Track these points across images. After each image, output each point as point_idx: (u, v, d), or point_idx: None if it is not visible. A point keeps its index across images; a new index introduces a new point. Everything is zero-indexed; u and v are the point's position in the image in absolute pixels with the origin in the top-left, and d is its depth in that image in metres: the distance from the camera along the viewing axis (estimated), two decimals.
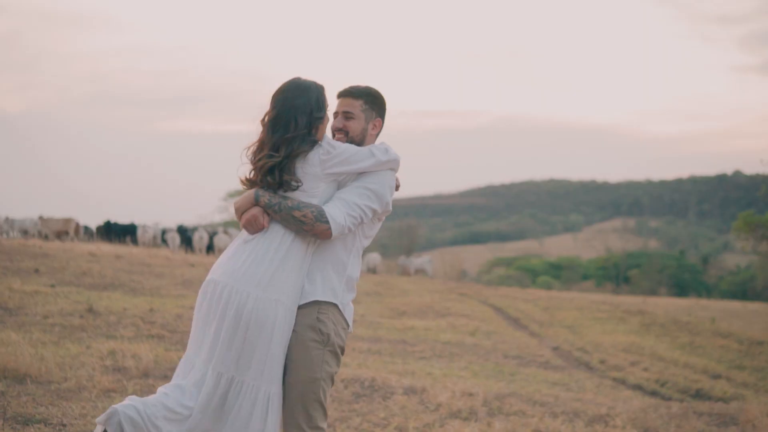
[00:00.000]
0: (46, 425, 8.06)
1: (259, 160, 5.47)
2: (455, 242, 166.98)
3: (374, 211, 5.61)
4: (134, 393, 9.96)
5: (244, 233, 5.54)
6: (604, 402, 12.84)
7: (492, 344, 20.95)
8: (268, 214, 5.45)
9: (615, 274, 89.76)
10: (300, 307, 5.52)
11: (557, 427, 9.88)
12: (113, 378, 10.59)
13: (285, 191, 5.46)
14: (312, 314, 5.49)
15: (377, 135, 5.92)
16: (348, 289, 5.69)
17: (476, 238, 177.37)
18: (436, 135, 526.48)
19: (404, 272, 56.33)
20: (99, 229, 51.86)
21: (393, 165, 5.69)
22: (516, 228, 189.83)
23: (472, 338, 21.67)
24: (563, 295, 45.71)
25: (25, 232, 46.55)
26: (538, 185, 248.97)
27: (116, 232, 50.41)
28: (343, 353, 5.67)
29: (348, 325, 5.70)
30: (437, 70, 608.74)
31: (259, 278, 5.36)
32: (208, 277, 5.52)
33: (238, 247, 5.52)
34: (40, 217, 46.67)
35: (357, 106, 5.79)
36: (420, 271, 56.41)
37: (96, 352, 12.62)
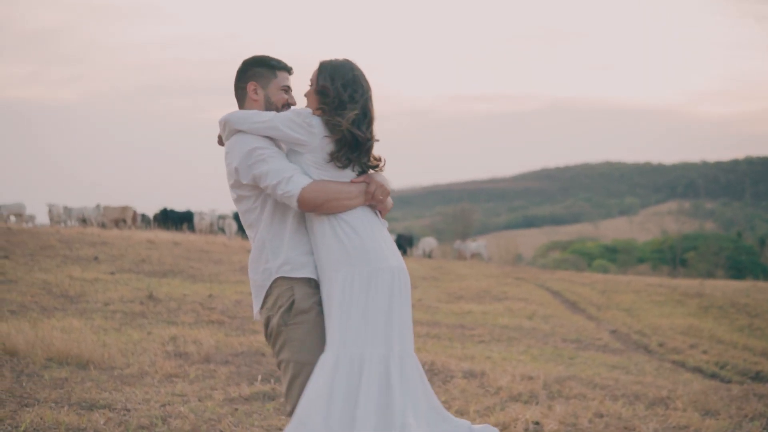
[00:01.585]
0: (110, 410, 8.13)
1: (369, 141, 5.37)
2: (510, 226, 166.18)
3: None
4: (196, 378, 10.04)
5: (373, 216, 5.42)
6: (664, 385, 12.78)
7: (550, 328, 20.91)
8: None
9: (671, 257, 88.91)
10: None
11: (618, 410, 9.83)
12: (175, 363, 10.68)
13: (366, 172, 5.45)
14: None
15: None
16: None
17: (531, 222, 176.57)
18: (490, 119, 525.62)
19: (460, 257, 56.20)
20: (156, 216, 52.00)
21: None
22: (571, 211, 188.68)
23: (530, 322, 21.64)
24: (620, 278, 45.43)
25: (83, 221, 46.87)
26: (593, 168, 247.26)
27: (173, 220, 50.46)
28: None
29: None
30: (490, 53, 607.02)
31: None
32: (383, 265, 5.32)
33: (384, 232, 5.44)
34: (98, 206, 47.01)
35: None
36: (476, 256, 56.25)
37: (157, 338, 12.74)
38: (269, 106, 5.43)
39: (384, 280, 5.29)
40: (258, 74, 5.47)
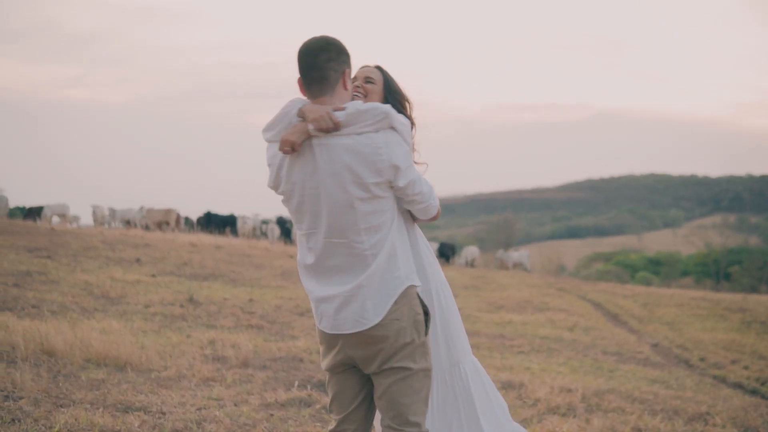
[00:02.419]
0: (145, 413, 8.13)
1: None
2: (553, 237, 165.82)
3: None
4: (233, 382, 10.04)
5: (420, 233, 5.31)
6: (703, 400, 12.66)
7: (591, 340, 20.75)
8: None
9: (715, 271, 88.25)
10: None
11: (656, 425, 9.75)
12: (213, 367, 10.68)
13: None
14: None
15: None
16: None
17: (574, 233, 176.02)
18: (535, 128, 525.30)
19: (502, 266, 56.00)
20: (199, 220, 52.24)
21: None
22: (615, 223, 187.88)
23: (571, 333, 21.49)
24: (662, 291, 45.12)
25: (127, 223, 47.18)
26: (638, 180, 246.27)
27: (216, 223, 50.76)
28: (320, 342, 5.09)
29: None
30: (536, 62, 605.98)
31: None
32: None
33: None
34: (141, 208, 47.30)
35: None
36: (518, 265, 56.02)
37: (196, 341, 12.76)
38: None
39: None
40: (348, 63, 4.85)
